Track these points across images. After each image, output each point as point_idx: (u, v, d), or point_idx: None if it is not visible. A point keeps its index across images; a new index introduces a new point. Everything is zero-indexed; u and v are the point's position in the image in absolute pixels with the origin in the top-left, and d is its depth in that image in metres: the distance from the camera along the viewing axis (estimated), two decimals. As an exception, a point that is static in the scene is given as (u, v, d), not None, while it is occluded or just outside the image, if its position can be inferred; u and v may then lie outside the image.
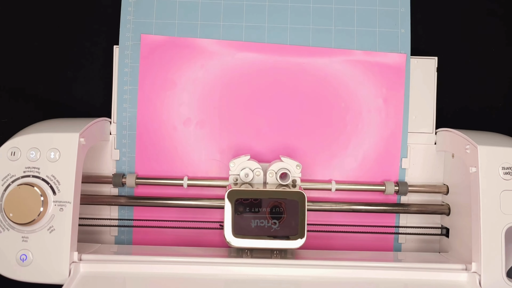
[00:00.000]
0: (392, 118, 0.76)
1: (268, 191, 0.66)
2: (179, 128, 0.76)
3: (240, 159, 0.70)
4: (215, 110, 0.76)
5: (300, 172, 0.70)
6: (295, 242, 0.65)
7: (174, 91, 0.76)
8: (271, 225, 0.65)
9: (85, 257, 0.64)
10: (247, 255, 0.67)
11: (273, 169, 0.70)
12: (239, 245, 0.65)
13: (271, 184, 0.69)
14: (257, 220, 0.65)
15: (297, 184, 0.69)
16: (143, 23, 0.76)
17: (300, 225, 0.65)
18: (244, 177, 0.69)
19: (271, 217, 0.65)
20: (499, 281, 0.62)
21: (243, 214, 0.65)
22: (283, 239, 0.65)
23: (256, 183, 0.69)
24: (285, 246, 0.65)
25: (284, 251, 0.68)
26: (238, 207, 0.66)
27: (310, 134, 0.76)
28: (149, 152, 0.75)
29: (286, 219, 0.65)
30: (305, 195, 0.66)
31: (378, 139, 0.76)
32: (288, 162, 0.70)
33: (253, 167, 0.70)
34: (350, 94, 0.76)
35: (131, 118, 0.75)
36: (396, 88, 0.76)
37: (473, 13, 0.81)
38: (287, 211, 0.66)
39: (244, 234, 0.65)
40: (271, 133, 0.76)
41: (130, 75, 0.75)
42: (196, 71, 0.76)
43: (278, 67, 0.76)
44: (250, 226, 0.65)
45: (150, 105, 0.76)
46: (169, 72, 0.76)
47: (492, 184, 0.64)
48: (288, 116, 0.76)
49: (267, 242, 0.65)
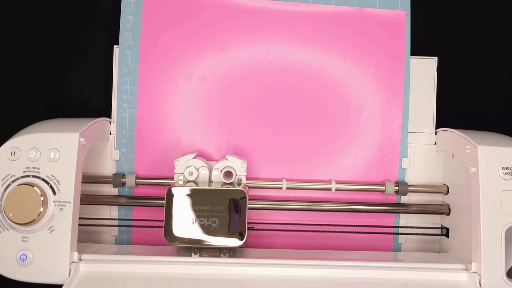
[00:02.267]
0: (392, 118, 0.76)
1: (210, 189, 0.66)
2: (179, 128, 0.76)
3: (185, 158, 0.69)
4: (215, 110, 0.76)
5: (245, 170, 0.70)
6: (235, 240, 0.65)
7: (174, 91, 0.76)
8: (211, 224, 0.65)
9: (85, 257, 0.64)
10: (195, 253, 0.66)
11: (218, 167, 0.70)
12: (178, 243, 0.65)
13: (216, 182, 0.69)
14: (198, 219, 0.65)
15: (242, 183, 0.69)
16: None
17: (241, 223, 0.65)
18: (188, 175, 0.69)
19: (211, 215, 0.65)
20: (499, 281, 0.62)
21: (184, 212, 0.65)
22: (223, 237, 0.65)
23: (201, 182, 0.69)
24: (225, 244, 0.65)
25: (233, 250, 0.68)
26: (179, 205, 0.65)
27: (310, 134, 0.76)
28: (148, 152, 0.75)
29: (226, 217, 0.65)
30: (246, 193, 0.66)
31: (378, 139, 0.76)
32: (233, 160, 0.70)
33: (198, 165, 0.69)
34: (350, 93, 0.76)
35: (131, 118, 0.75)
36: (396, 87, 0.76)
37: (473, 13, 0.81)
38: (228, 209, 0.65)
39: (185, 232, 0.65)
40: (271, 133, 0.76)
41: (130, 75, 0.76)
42: (196, 71, 0.76)
43: (278, 67, 0.76)
44: (191, 224, 0.65)
45: (150, 104, 0.76)
46: (169, 72, 0.76)
47: (492, 184, 0.64)
48: (288, 116, 0.76)
49: (208, 240, 0.65)
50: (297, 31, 0.76)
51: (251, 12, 0.76)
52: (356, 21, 0.76)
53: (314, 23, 0.76)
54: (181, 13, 0.76)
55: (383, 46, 0.76)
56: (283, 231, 0.75)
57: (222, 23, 0.76)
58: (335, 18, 0.76)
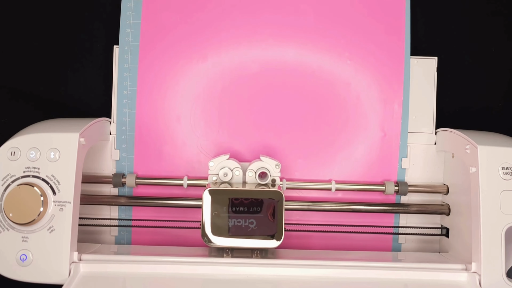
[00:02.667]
0: (392, 117, 0.76)
1: (246, 190, 0.66)
2: (178, 128, 0.76)
3: (219, 158, 0.69)
4: (215, 110, 0.76)
5: (279, 171, 0.70)
6: (273, 242, 0.65)
7: (173, 91, 0.76)
8: (248, 225, 0.65)
9: (85, 257, 0.64)
10: (227, 254, 0.67)
11: (252, 169, 0.70)
12: (218, 244, 0.65)
13: (250, 183, 0.69)
14: (234, 220, 0.65)
15: (276, 184, 0.69)
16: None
17: (278, 224, 0.65)
18: (223, 176, 0.69)
19: (248, 217, 0.65)
20: (499, 281, 0.62)
21: (221, 213, 0.65)
22: (261, 238, 0.65)
23: (235, 183, 0.69)
24: (262, 246, 0.65)
25: (265, 251, 0.68)
26: (216, 207, 0.65)
27: (310, 134, 0.76)
28: (148, 152, 0.75)
29: (263, 219, 0.65)
30: (283, 194, 0.66)
31: (378, 138, 0.76)
32: (267, 162, 0.70)
33: (232, 166, 0.69)
34: (350, 93, 0.76)
35: (131, 118, 0.75)
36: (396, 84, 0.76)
37: (473, 13, 0.81)
38: (265, 210, 0.65)
39: (222, 234, 0.65)
40: (271, 133, 0.76)
41: (129, 75, 0.75)
42: (196, 71, 0.76)
43: (278, 67, 0.76)
44: (227, 226, 0.65)
45: (150, 105, 0.76)
46: (168, 72, 0.76)
47: (492, 184, 0.64)
48: (288, 116, 0.76)
49: (245, 241, 0.65)
50: (297, 30, 0.76)
51: (251, 11, 0.76)
52: (356, 20, 0.76)
53: (314, 23, 0.76)
54: (180, 13, 0.76)
55: (383, 44, 0.76)
56: (283, 231, 0.75)
57: (222, 23, 0.76)
58: (335, 17, 0.76)
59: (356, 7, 0.76)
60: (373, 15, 0.76)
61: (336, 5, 0.76)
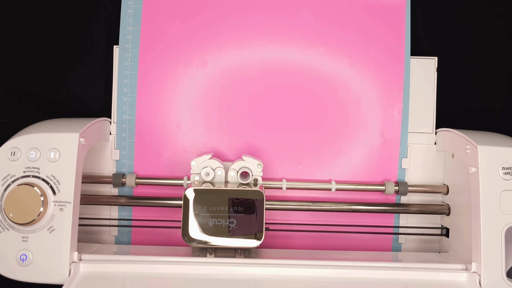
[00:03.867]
0: (392, 117, 0.76)
1: (227, 190, 0.66)
2: (178, 128, 0.76)
3: (202, 158, 0.69)
4: (215, 110, 0.76)
5: (261, 171, 0.69)
6: (253, 241, 0.65)
7: (173, 91, 0.76)
8: (229, 224, 0.65)
9: (85, 257, 0.64)
10: (210, 254, 0.67)
11: (234, 168, 0.70)
12: (195, 244, 0.65)
13: (232, 183, 0.69)
14: (215, 219, 0.65)
15: (258, 183, 0.69)
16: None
17: (259, 224, 0.65)
18: (204, 175, 0.69)
19: (229, 216, 0.65)
20: (499, 281, 0.62)
21: (201, 213, 0.65)
22: (242, 238, 0.65)
23: (217, 182, 0.69)
24: (243, 245, 0.65)
25: (248, 251, 0.67)
26: (197, 206, 0.65)
27: (310, 134, 0.76)
28: (148, 152, 0.75)
29: (244, 218, 0.65)
30: (264, 194, 0.66)
31: (378, 138, 0.76)
32: (249, 161, 0.69)
33: (214, 166, 0.69)
34: (349, 93, 0.76)
35: (131, 118, 0.75)
36: (396, 84, 0.76)
37: (473, 13, 0.81)
38: (246, 210, 0.65)
39: (202, 233, 0.65)
40: (270, 133, 0.76)
41: (130, 75, 0.75)
42: (195, 71, 0.76)
43: (276, 67, 0.76)
44: (208, 225, 0.65)
45: (150, 105, 0.76)
46: (168, 72, 0.76)
47: (492, 184, 0.64)
48: (287, 116, 0.76)
49: (225, 240, 0.65)
50: (297, 30, 0.76)
51: (250, 14, 0.76)
52: (356, 20, 0.76)
53: (314, 22, 0.76)
54: (180, 13, 0.76)
55: (383, 44, 0.76)
56: (283, 231, 0.75)
57: (222, 25, 0.76)
58: (335, 18, 0.76)
59: (356, 7, 0.76)
60: (373, 15, 0.76)
61: (336, 6, 0.76)
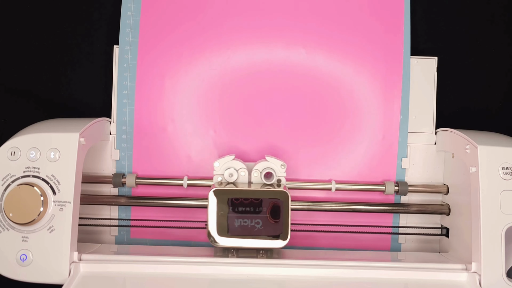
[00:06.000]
0: (392, 118, 0.76)
1: (252, 190, 0.66)
2: (178, 128, 0.76)
3: (225, 159, 0.69)
4: (214, 110, 0.76)
5: (285, 171, 0.69)
6: (279, 242, 0.65)
7: (173, 91, 0.76)
8: (254, 225, 0.65)
9: (85, 257, 0.64)
10: (233, 254, 0.67)
11: (258, 169, 0.70)
12: (223, 244, 0.65)
13: (256, 183, 0.69)
14: (240, 220, 0.65)
15: (282, 184, 0.69)
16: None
17: (284, 224, 0.65)
18: (228, 177, 0.69)
19: (254, 217, 0.65)
20: (499, 281, 0.62)
21: (226, 213, 0.65)
22: (267, 238, 0.65)
23: (241, 183, 0.69)
24: (268, 246, 0.65)
25: (270, 251, 0.68)
26: (222, 207, 0.65)
27: (309, 134, 0.76)
28: (147, 152, 0.75)
29: (269, 219, 0.65)
30: (289, 194, 0.66)
31: (378, 138, 0.76)
32: (272, 162, 0.69)
33: (237, 166, 0.69)
34: (349, 93, 0.76)
35: (130, 118, 0.75)
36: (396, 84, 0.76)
37: (473, 13, 0.81)
38: (272, 210, 0.65)
39: (227, 234, 0.65)
40: (270, 133, 0.76)
41: (129, 75, 0.75)
42: (195, 71, 0.76)
43: (276, 67, 0.76)
44: (233, 226, 0.65)
45: (149, 104, 0.76)
46: (168, 72, 0.76)
47: (492, 184, 0.64)
48: (286, 117, 0.76)
49: (251, 241, 0.65)
50: (296, 30, 0.76)
51: (250, 11, 0.76)
52: (356, 20, 0.76)
53: (314, 24, 0.76)
54: (180, 13, 0.76)
55: (383, 44, 0.76)
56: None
57: (222, 24, 0.76)
58: (335, 18, 0.76)
59: (356, 7, 0.76)
60: (373, 15, 0.76)
61: (335, 5, 0.76)
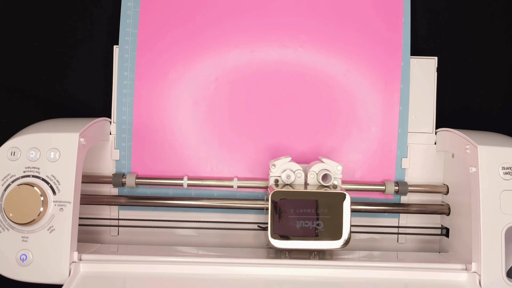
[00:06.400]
0: (392, 118, 0.76)
1: (313, 192, 0.66)
2: (178, 128, 0.76)
3: (281, 161, 0.70)
4: (213, 110, 0.76)
5: (341, 173, 0.69)
6: (338, 243, 0.65)
7: (173, 90, 0.76)
8: (315, 226, 0.65)
9: (85, 257, 0.64)
10: (285, 256, 0.67)
11: (314, 170, 0.70)
12: (282, 246, 0.65)
13: (311, 185, 0.69)
14: (302, 221, 0.65)
15: (338, 185, 0.69)
16: (143, 23, 0.76)
17: (344, 225, 0.65)
18: (286, 178, 0.69)
19: (316, 218, 0.65)
20: (499, 281, 0.62)
21: (289, 214, 0.65)
22: (327, 240, 0.65)
23: (297, 185, 0.69)
24: (329, 247, 0.65)
25: (323, 252, 0.68)
26: (284, 208, 0.66)
27: (309, 134, 0.76)
28: (147, 152, 0.75)
29: (330, 220, 0.65)
30: (348, 195, 0.66)
31: (378, 139, 0.76)
32: (329, 163, 0.69)
33: (294, 168, 0.70)
34: (349, 93, 0.76)
35: (130, 118, 0.75)
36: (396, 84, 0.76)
37: (473, 13, 0.81)
38: (332, 212, 0.66)
39: (288, 235, 0.65)
40: (269, 134, 0.76)
41: (129, 75, 0.75)
42: (195, 71, 0.76)
43: (275, 68, 0.76)
44: (295, 227, 0.65)
45: (149, 104, 0.75)
46: (168, 71, 0.76)
47: (492, 184, 0.64)
48: (285, 117, 0.76)
49: (311, 243, 0.65)
50: (296, 30, 0.76)
51: (251, 10, 0.76)
52: (356, 19, 0.76)
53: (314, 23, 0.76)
54: (180, 12, 0.76)
55: (383, 44, 0.76)
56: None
57: (222, 23, 0.76)
58: (335, 17, 0.76)
59: (356, 7, 0.76)
60: (374, 14, 0.76)
61: (335, 4, 0.76)
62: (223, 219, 0.75)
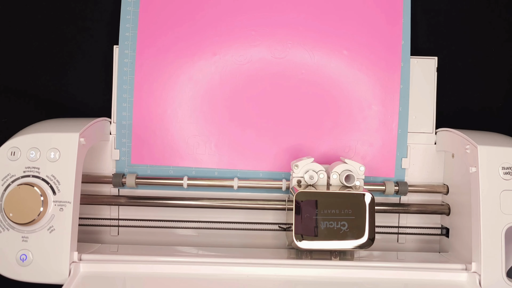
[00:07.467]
0: (391, 118, 0.76)
1: (338, 193, 0.66)
2: (178, 128, 0.76)
3: (304, 161, 0.70)
4: (213, 110, 0.76)
5: (363, 174, 0.69)
6: (364, 243, 0.65)
7: (173, 90, 0.76)
8: (340, 227, 0.65)
9: (85, 257, 0.64)
10: (306, 256, 0.67)
11: (337, 171, 0.70)
12: (307, 247, 0.65)
13: (334, 186, 0.69)
14: (326, 222, 0.65)
15: (361, 186, 0.69)
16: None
17: (370, 226, 0.65)
18: (309, 179, 0.69)
19: (340, 219, 0.65)
20: (499, 281, 0.62)
21: (313, 215, 0.65)
22: (351, 240, 0.65)
23: (320, 185, 0.69)
24: (353, 248, 0.65)
25: (343, 253, 0.68)
26: (307, 209, 0.66)
27: (309, 134, 0.76)
28: (147, 152, 0.75)
29: (354, 221, 0.65)
30: (373, 196, 0.66)
31: (378, 139, 0.76)
32: (352, 164, 0.70)
33: (317, 169, 0.70)
34: (348, 93, 0.76)
35: (130, 117, 0.75)
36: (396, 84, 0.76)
37: (473, 13, 0.81)
38: (357, 212, 0.66)
39: (314, 236, 0.65)
40: (268, 134, 0.76)
41: (129, 75, 0.75)
42: (195, 71, 0.76)
43: (275, 68, 0.76)
44: (320, 228, 0.65)
45: (149, 104, 0.75)
46: (168, 71, 0.76)
47: (492, 184, 0.64)
48: (285, 117, 0.76)
49: (336, 243, 0.65)
50: (295, 31, 0.76)
51: (251, 10, 0.76)
52: (356, 19, 0.76)
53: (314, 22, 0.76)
54: (179, 13, 0.76)
55: (383, 44, 0.76)
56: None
57: (222, 22, 0.76)
58: (335, 15, 0.76)
59: (356, 6, 0.76)
60: (374, 13, 0.76)
61: (336, 4, 0.76)
62: (242, 220, 0.75)
